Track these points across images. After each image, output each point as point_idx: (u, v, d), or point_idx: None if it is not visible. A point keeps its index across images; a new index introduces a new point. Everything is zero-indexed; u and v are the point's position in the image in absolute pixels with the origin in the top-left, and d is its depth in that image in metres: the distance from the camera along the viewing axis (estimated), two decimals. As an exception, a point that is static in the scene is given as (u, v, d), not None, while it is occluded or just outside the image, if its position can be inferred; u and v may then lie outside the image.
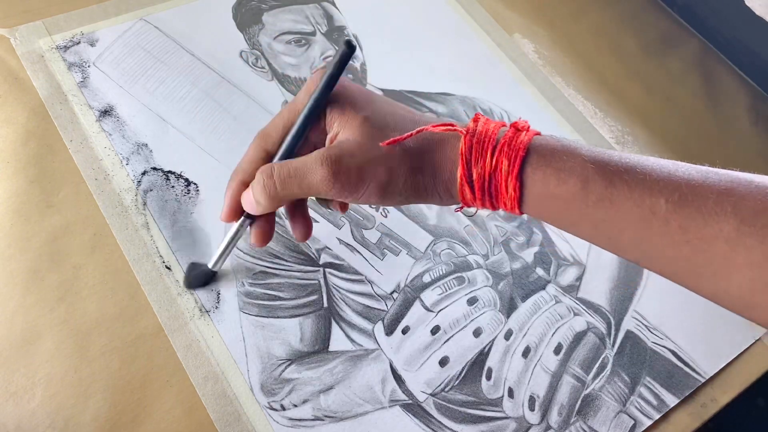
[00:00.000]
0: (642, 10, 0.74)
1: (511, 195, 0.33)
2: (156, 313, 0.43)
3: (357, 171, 0.34)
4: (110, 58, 0.53)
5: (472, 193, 0.34)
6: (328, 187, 0.34)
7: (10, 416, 0.38)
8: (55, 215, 0.45)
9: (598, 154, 0.32)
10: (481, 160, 0.33)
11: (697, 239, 0.29)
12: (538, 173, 0.33)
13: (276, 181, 0.35)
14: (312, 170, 0.34)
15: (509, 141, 0.33)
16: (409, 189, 0.35)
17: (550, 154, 0.33)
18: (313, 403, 0.42)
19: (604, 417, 0.46)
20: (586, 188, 0.32)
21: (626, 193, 0.31)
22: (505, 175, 0.33)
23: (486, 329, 0.47)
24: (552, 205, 0.33)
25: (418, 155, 0.35)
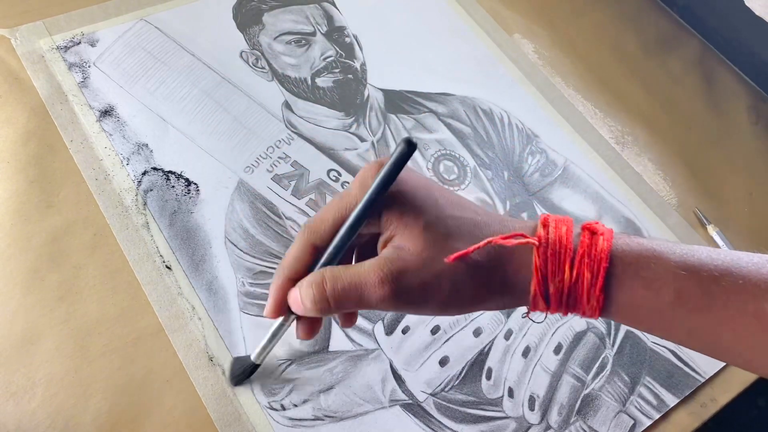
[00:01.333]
0: (642, 10, 0.74)
1: (592, 305, 0.31)
2: (156, 313, 0.43)
3: (420, 289, 0.31)
4: (111, 58, 0.53)
5: (546, 306, 0.32)
6: (386, 306, 0.32)
7: (10, 416, 0.38)
8: (55, 215, 0.45)
9: (688, 258, 0.31)
10: (560, 274, 0.31)
11: None
12: (625, 284, 0.31)
13: (330, 297, 0.32)
14: (370, 287, 0.31)
15: (588, 250, 0.31)
16: (476, 302, 0.33)
17: (636, 263, 0.31)
18: (314, 403, 0.42)
19: (604, 417, 0.46)
20: (680, 298, 0.30)
21: (725, 301, 0.29)
22: (588, 287, 0.31)
23: (486, 329, 0.47)
24: (639, 314, 0.32)
25: (486, 270, 0.32)
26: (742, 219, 0.60)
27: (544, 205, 0.55)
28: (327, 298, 0.32)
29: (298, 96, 0.55)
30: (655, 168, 0.61)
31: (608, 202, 0.56)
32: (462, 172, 0.54)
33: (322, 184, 0.51)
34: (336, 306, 0.32)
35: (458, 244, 0.32)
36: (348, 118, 0.55)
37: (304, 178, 0.51)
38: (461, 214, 0.33)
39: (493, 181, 0.55)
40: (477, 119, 0.58)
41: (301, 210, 0.49)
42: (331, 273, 0.32)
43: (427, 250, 0.31)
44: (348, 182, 0.51)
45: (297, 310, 0.34)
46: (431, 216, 0.32)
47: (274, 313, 0.35)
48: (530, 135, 0.59)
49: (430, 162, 0.54)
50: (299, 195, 0.50)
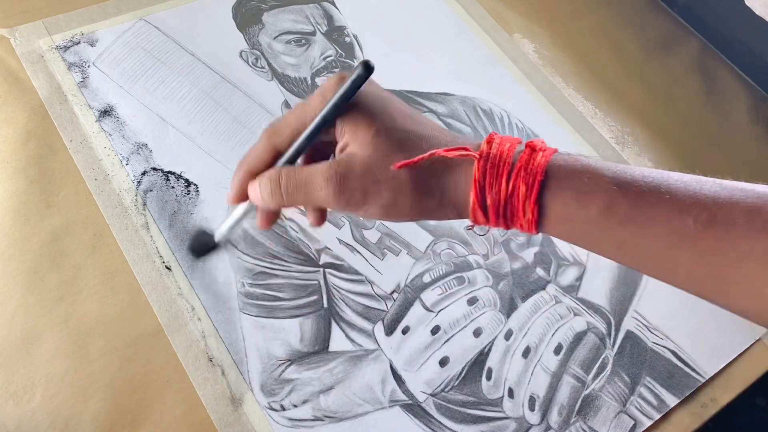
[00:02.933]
0: (642, 10, 0.74)
1: (528, 218, 0.32)
2: (156, 313, 0.43)
3: (362, 190, 0.33)
4: (110, 58, 0.53)
5: (485, 217, 0.33)
6: (331, 204, 0.34)
7: (10, 416, 0.38)
8: (55, 215, 0.45)
9: (620, 174, 0.32)
10: (496, 186, 0.32)
11: (728, 259, 0.29)
12: (558, 197, 0.32)
13: (283, 191, 0.35)
14: (318, 186, 0.34)
15: (525, 164, 0.32)
16: (415, 211, 0.34)
17: (570, 176, 0.32)
18: (313, 404, 0.42)
19: (605, 417, 0.46)
20: (609, 210, 0.31)
21: (652, 214, 0.30)
22: (523, 199, 0.32)
23: (486, 329, 0.47)
24: (572, 227, 0.33)
25: (427, 178, 0.34)
26: (742, 219, 0.59)
27: (544, 205, 0.55)
28: (281, 192, 0.35)
29: (298, 96, 0.55)
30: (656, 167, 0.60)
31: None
32: (462, 172, 0.54)
33: (322, 184, 0.51)
34: (288, 199, 0.35)
35: (405, 154, 0.33)
36: (348, 118, 0.55)
37: (304, 178, 0.51)
38: (413, 127, 0.35)
39: (493, 181, 0.55)
40: (477, 119, 0.58)
41: (301, 210, 0.49)
42: (287, 171, 0.35)
43: (374, 156, 0.33)
44: (348, 182, 0.51)
45: (255, 201, 0.37)
46: (382, 126, 0.34)
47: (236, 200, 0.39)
48: (530, 135, 0.59)
49: (430, 162, 0.54)
50: (299, 195, 0.50)
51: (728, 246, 0.29)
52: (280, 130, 0.37)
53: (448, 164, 0.34)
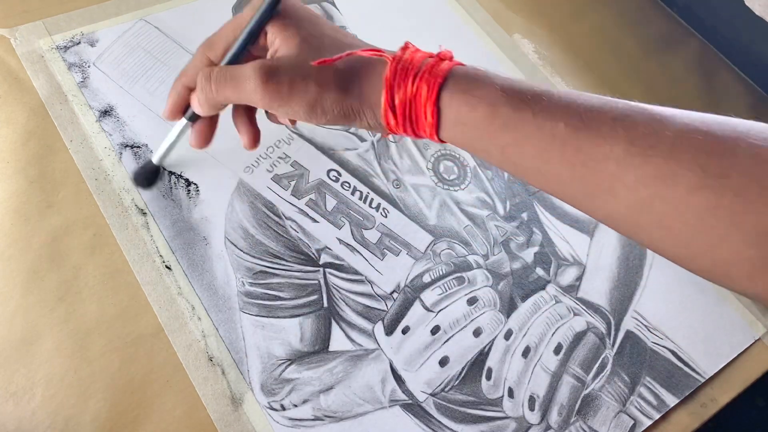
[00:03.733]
0: (642, 10, 0.74)
1: (429, 122, 0.35)
2: (156, 313, 0.43)
3: (288, 84, 0.36)
4: (110, 58, 0.53)
5: (395, 118, 0.36)
6: (258, 96, 0.36)
7: (10, 416, 0.38)
8: (55, 215, 0.45)
9: (510, 83, 0.34)
10: (403, 86, 0.35)
11: (591, 160, 0.31)
12: (453, 100, 0.34)
13: (213, 84, 0.38)
14: (246, 78, 0.36)
15: (430, 68, 0.35)
16: (337, 109, 0.36)
17: (467, 82, 0.34)
18: (313, 403, 0.42)
19: (604, 417, 0.46)
20: (494, 114, 0.33)
21: (529, 119, 0.33)
22: (424, 100, 0.34)
23: (486, 329, 0.47)
24: (465, 131, 0.35)
25: (347, 77, 0.36)
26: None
27: (544, 205, 0.55)
28: (211, 85, 0.38)
29: (297, 96, 0.55)
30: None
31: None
32: (462, 172, 0.54)
33: (322, 184, 0.51)
34: (217, 91, 0.38)
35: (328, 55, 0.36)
36: (348, 118, 0.55)
37: (304, 178, 0.51)
38: (338, 36, 0.38)
39: (493, 181, 0.55)
40: (477, 119, 0.58)
41: (301, 210, 0.49)
42: (218, 67, 0.38)
43: (301, 54, 0.37)
44: (348, 182, 0.51)
45: (195, 108, 0.40)
46: (309, 33, 0.38)
47: (171, 115, 0.43)
48: (530, 135, 0.59)
49: (430, 162, 0.54)
50: (299, 195, 0.50)
51: (592, 149, 0.31)
52: (215, 43, 0.40)
53: (367, 66, 0.37)
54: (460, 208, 0.52)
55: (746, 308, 0.53)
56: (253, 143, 0.43)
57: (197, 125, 0.43)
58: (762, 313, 0.53)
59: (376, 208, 0.51)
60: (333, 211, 0.50)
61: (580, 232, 0.54)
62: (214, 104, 0.39)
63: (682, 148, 0.29)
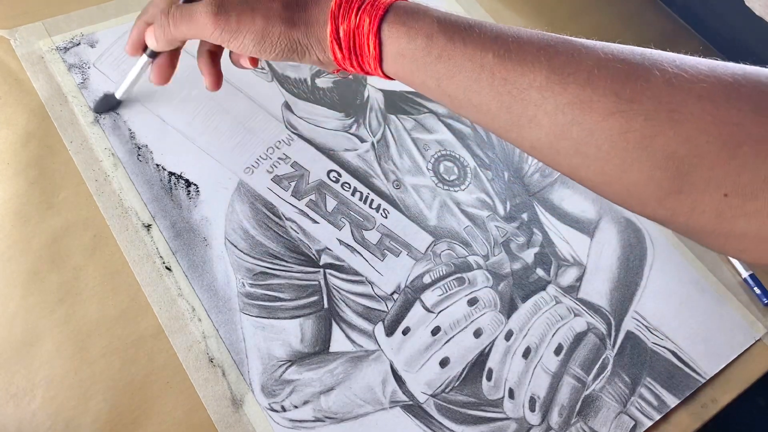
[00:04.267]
0: (642, 10, 0.74)
1: (372, 53, 0.36)
2: (156, 314, 0.43)
3: (236, 16, 0.37)
4: (110, 59, 0.53)
5: (340, 50, 0.37)
6: (209, 30, 0.38)
7: (10, 418, 0.38)
8: (55, 216, 0.45)
9: (447, 16, 0.35)
10: (347, 18, 0.36)
11: (515, 89, 0.32)
12: (393, 31, 0.35)
13: (170, 19, 0.39)
14: (199, 13, 0.38)
15: (373, 1, 0.36)
16: (284, 42, 0.37)
17: (406, 14, 0.35)
18: (314, 405, 0.42)
19: (605, 418, 0.46)
20: (429, 45, 0.34)
21: (461, 49, 0.33)
22: (366, 32, 0.35)
23: (486, 330, 0.47)
24: (404, 63, 0.36)
25: (295, 10, 0.37)
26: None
27: (544, 205, 0.55)
28: (168, 20, 0.40)
29: (298, 97, 0.55)
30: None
31: (608, 202, 0.56)
32: (462, 172, 0.54)
33: (322, 185, 0.51)
34: (173, 26, 0.40)
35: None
36: (348, 118, 0.55)
37: (304, 179, 0.51)
38: None
39: (493, 181, 0.55)
40: (477, 120, 0.58)
41: (301, 211, 0.49)
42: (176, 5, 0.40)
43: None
44: (348, 183, 0.51)
45: (150, 45, 0.43)
46: None
47: (132, 50, 0.45)
48: (530, 135, 0.59)
49: (431, 162, 0.54)
50: (299, 196, 0.50)
51: (516, 78, 0.32)
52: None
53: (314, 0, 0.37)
54: (460, 208, 0.52)
55: (746, 309, 0.53)
56: (215, 85, 0.45)
57: (157, 61, 0.45)
58: (762, 314, 0.53)
59: (377, 208, 0.51)
60: (333, 211, 0.50)
61: (580, 232, 0.54)
62: (170, 39, 0.41)
63: (599, 75, 0.30)
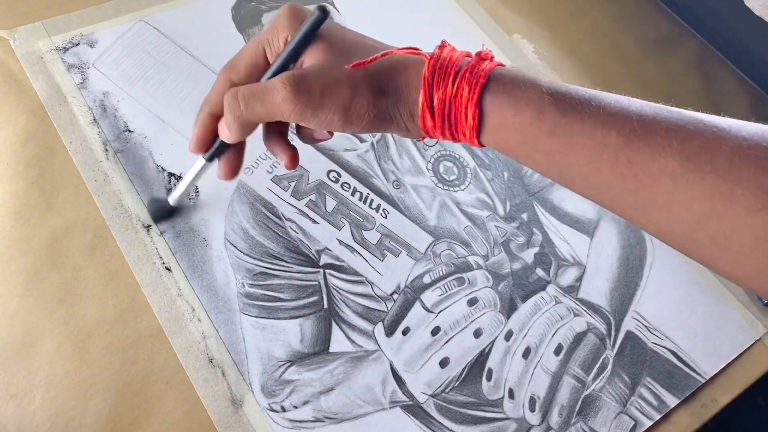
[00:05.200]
0: (642, 10, 0.74)
1: (470, 124, 0.34)
2: (156, 314, 0.43)
3: (319, 90, 0.34)
4: (110, 59, 0.53)
5: (432, 119, 0.34)
6: (289, 107, 0.34)
7: (10, 418, 0.38)
8: (54, 217, 0.45)
9: (557, 86, 0.33)
10: (443, 85, 0.33)
11: (643, 173, 0.30)
12: (496, 101, 0.33)
13: (240, 101, 0.35)
14: (275, 89, 0.34)
15: (471, 68, 0.33)
16: (373, 113, 0.35)
17: (510, 83, 0.33)
18: (314, 405, 0.42)
19: (605, 418, 0.46)
20: (540, 118, 0.32)
21: (579, 125, 0.31)
22: (465, 101, 0.33)
23: (486, 330, 0.47)
24: (508, 135, 0.34)
25: (382, 78, 0.35)
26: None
27: (543, 205, 0.55)
28: (239, 103, 0.35)
29: (297, 97, 0.55)
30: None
31: (608, 202, 0.56)
32: (462, 172, 0.54)
33: (321, 185, 0.51)
34: (246, 108, 0.35)
35: (361, 55, 0.35)
36: (348, 118, 0.55)
37: (304, 179, 0.51)
38: (364, 39, 0.37)
39: (492, 181, 0.55)
40: (477, 120, 0.58)
41: (301, 211, 0.49)
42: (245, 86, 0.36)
43: (329, 59, 0.35)
44: (348, 183, 0.51)
45: (223, 136, 0.38)
46: (333, 38, 0.36)
47: (197, 147, 0.39)
48: (530, 135, 0.59)
49: (430, 162, 0.54)
50: (299, 196, 0.50)
51: (645, 161, 0.30)
52: (237, 65, 0.38)
53: (402, 65, 0.35)
54: (460, 208, 0.52)
55: (746, 309, 0.53)
56: (293, 162, 0.40)
57: (225, 156, 0.40)
58: (762, 314, 0.53)
59: (376, 208, 0.51)
60: (333, 212, 0.50)
61: (580, 232, 0.54)
62: (243, 124, 0.36)
63: (741, 165, 0.28)
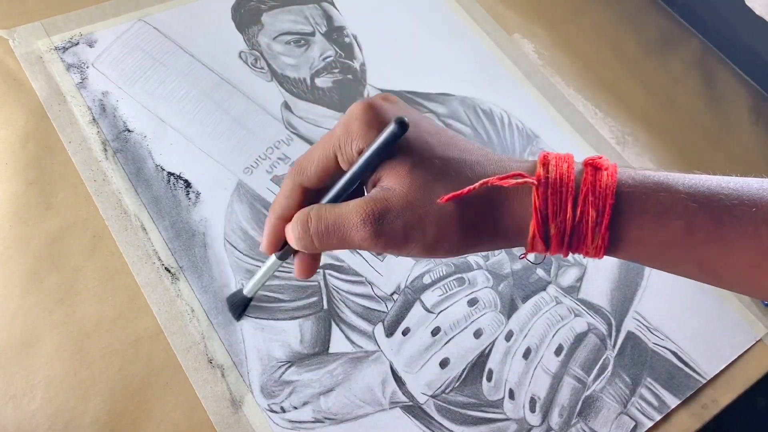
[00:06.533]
0: (642, 10, 0.74)
1: (597, 245, 0.30)
2: (155, 314, 0.43)
3: (403, 230, 0.30)
4: (109, 59, 0.53)
5: (546, 247, 0.31)
6: (369, 246, 0.31)
7: (9, 419, 0.38)
8: (54, 217, 0.45)
9: (697, 187, 0.30)
10: (561, 214, 0.30)
11: None
12: (633, 221, 0.30)
13: (313, 236, 0.32)
14: (353, 228, 0.31)
15: (591, 187, 0.30)
16: (465, 246, 0.31)
17: (643, 196, 0.30)
18: (314, 405, 0.42)
19: (605, 418, 0.46)
20: (690, 230, 0.29)
21: (738, 230, 0.29)
22: (593, 226, 0.30)
23: (486, 330, 0.47)
24: (648, 250, 0.31)
25: (478, 211, 0.31)
26: (742, 219, 0.59)
27: (544, 205, 0.55)
28: (311, 235, 0.32)
29: (297, 96, 0.55)
30: (656, 168, 0.61)
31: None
32: (462, 172, 0.54)
33: (321, 185, 0.50)
34: (320, 244, 0.32)
35: (448, 184, 0.30)
36: (348, 118, 0.55)
37: (304, 179, 0.50)
38: (451, 154, 0.32)
39: (493, 181, 0.55)
40: (477, 119, 0.58)
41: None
42: (317, 211, 0.32)
43: (413, 191, 0.30)
44: (348, 183, 0.51)
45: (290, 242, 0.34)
46: (418, 157, 0.31)
47: (270, 250, 0.36)
48: (531, 135, 0.59)
49: (430, 163, 0.54)
50: (299, 196, 0.50)
51: None
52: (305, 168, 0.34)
53: (500, 192, 0.31)
54: (460, 208, 0.52)
55: (747, 309, 0.53)
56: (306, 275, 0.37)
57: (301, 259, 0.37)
58: (763, 314, 0.53)
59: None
60: None
61: (580, 232, 0.54)
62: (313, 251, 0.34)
63: None
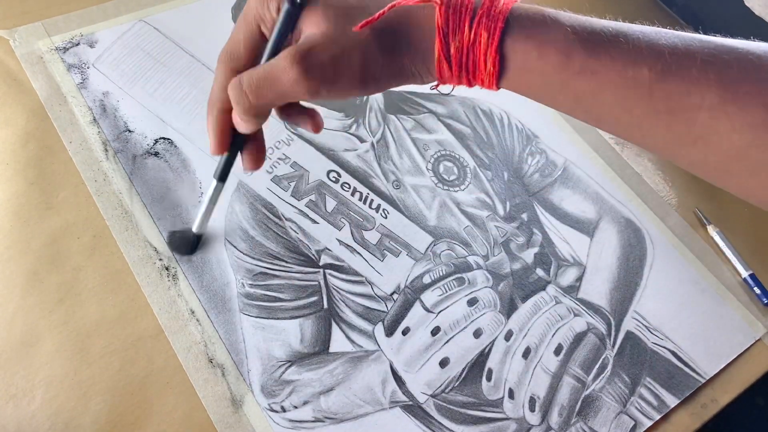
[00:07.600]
0: (642, 10, 0.74)
1: (489, 70, 0.32)
2: (156, 314, 0.43)
3: (331, 63, 0.31)
4: (109, 59, 0.53)
5: (450, 69, 0.32)
6: (302, 87, 0.32)
7: (9, 419, 0.38)
8: (54, 217, 0.45)
9: (581, 23, 0.31)
10: (459, 33, 0.31)
11: (680, 108, 0.29)
12: (518, 46, 0.31)
13: (248, 92, 0.33)
14: (282, 72, 0.31)
15: (487, 10, 0.31)
16: (387, 72, 0.33)
17: (532, 25, 0.31)
18: (314, 405, 0.42)
19: (605, 418, 0.46)
20: (568, 60, 0.30)
21: (609, 63, 0.30)
22: (484, 48, 0.31)
23: (486, 330, 0.47)
24: (532, 79, 0.32)
25: (392, 34, 0.32)
26: (742, 219, 0.60)
27: (543, 205, 0.55)
28: (245, 94, 0.33)
29: (297, 97, 0.55)
30: (655, 168, 0.61)
31: (608, 202, 0.56)
32: (462, 172, 0.54)
33: (321, 185, 0.51)
34: (255, 98, 0.33)
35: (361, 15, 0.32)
36: (347, 118, 0.55)
37: (304, 179, 0.51)
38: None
39: (492, 181, 0.55)
40: (477, 120, 0.58)
41: (301, 211, 0.49)
42: (246, 72, 0.33)
43: (332, 28, 0.32)
44: (348, 183, 0.51)
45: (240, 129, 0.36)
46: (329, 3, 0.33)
47: (219, 148, 0.37)
48: (530, 135, 0.59)
49: (430, 162, 0.54)
50: (299, 196, 0.50)
51: (681, 96, 0.29)
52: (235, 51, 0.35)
53: (411, 16, 0.32)
54: (460, 208, 0.52)
55: (746, 309, 0.53)
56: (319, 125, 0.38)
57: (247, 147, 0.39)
58: (762, 314, 0.53)
59: (376, 209, 0.51)
60: (333, 212, 0.50)
61: (580, 232, 0.54)
62: (256, 114, 0.34)
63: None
